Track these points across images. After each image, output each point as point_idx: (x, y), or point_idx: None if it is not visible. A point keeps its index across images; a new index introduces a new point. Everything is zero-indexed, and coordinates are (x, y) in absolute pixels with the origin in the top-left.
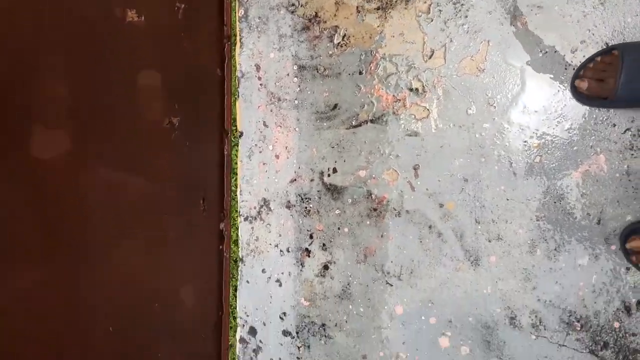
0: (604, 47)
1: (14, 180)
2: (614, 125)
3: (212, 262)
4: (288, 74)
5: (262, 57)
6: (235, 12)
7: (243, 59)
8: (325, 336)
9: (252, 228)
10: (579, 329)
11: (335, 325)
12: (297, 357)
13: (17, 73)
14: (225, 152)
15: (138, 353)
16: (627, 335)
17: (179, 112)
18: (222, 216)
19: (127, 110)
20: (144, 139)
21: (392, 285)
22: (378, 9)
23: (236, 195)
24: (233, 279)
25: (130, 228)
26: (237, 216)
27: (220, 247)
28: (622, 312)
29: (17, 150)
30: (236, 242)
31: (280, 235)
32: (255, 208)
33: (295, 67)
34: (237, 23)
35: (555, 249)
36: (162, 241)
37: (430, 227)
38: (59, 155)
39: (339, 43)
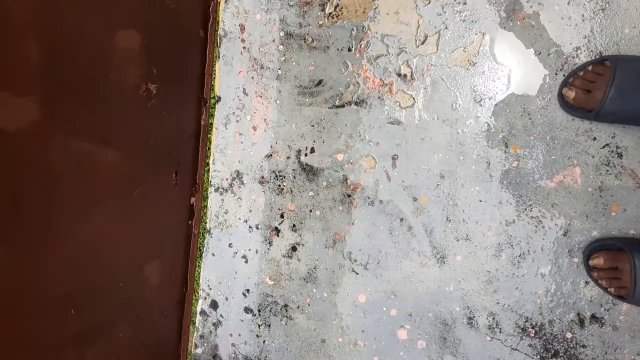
0: (598, 56)
1: None
2: (595, 139)
3: (179, 237)
4: (274, 40)
5: (248, 17)
6: None
7: (227, 16)
8: (287, 317)
9: (222, 200)
10: (532, 335)
11: (298, 307)
12: (257, 335)
13: None
14: (202, 123)
15: (99, 333)
16: (577, 346)
17: (157, 78)
18: (194, 190)
19: (101, 75)
20: (118, 107)
21: (357, 274)
22: None
23: (208, 164)
24: (199, 251)
25: (98, 204)
26: (207, 186)
27: (190, 222)
28: (576, 323)
29: None
30: (204, 213)
31: (250, 211)
32: (227, 180)
33: (282, 34)
34: None
35: (519, 255)
36: (130, 216)
37: (401, 219)
38: (25, 125)
39: (330, 13)
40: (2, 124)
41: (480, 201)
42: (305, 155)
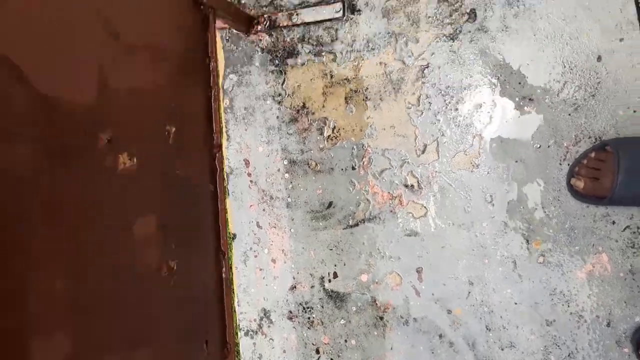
0: (597, 141)
1: None
2: (614, 222)
3: None
4: (279, 170)
5: (251, 151)
6: (220, 104)
7: (231, 153)
8: None
9: (254, 344)
10: None
11: None
12: None
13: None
14: (224, 276)
15: None
16: None
17: (176, 253)
18: (227, 351)
19: (125, 277)
20: (143, 300)
21: None
22: (366, 99)
23: (234, 307)
24: None
25: None
26: (237, 331)
27: None
28: None
29: None
30: None
31: (284, 352)
32: (255, 320)
33: (286, 162)
34: (223, 114)
35: (569, 355)
36: None
37: (440, 336)
38: None
39: (329, 136)
40: None
41: (516, 304)
42: (329, 281)
